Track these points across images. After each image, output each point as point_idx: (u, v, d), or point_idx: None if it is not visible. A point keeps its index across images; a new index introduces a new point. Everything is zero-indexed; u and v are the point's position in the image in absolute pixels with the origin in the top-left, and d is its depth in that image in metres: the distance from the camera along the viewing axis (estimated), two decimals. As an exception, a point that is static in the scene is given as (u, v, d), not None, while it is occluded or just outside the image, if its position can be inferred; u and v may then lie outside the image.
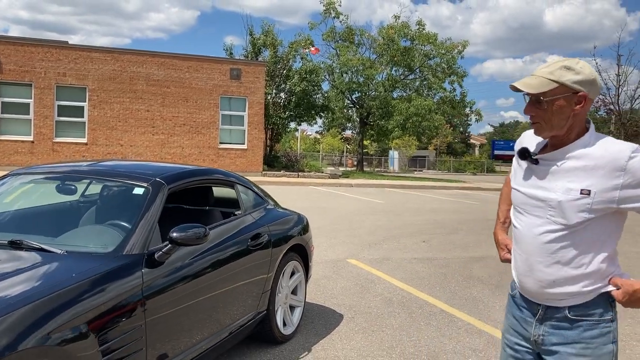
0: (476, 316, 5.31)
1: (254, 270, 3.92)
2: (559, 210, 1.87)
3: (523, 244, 2.01)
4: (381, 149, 56.29)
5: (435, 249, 8.74)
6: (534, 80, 1.89)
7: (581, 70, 1.86)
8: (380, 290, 6.14)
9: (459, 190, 23.52)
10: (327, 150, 56.72)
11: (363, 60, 28.93)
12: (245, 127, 24.09)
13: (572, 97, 1.86)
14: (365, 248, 8.54)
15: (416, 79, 31.22)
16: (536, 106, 1.90)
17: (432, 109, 28.37)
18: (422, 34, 29.26)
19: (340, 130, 43.64)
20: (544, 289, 1.96)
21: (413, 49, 29.40)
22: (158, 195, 3.28)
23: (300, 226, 4.79)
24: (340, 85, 29.65)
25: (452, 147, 69.67)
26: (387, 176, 30.94)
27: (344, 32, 30.59)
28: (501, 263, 7.94)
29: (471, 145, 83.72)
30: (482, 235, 10.34)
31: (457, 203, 17.34)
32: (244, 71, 23.90)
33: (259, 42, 27.19)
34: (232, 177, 4.28)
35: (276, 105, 27.27)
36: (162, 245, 3.05)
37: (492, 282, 6.73)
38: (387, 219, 12.24)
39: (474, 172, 50.94)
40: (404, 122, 28.79)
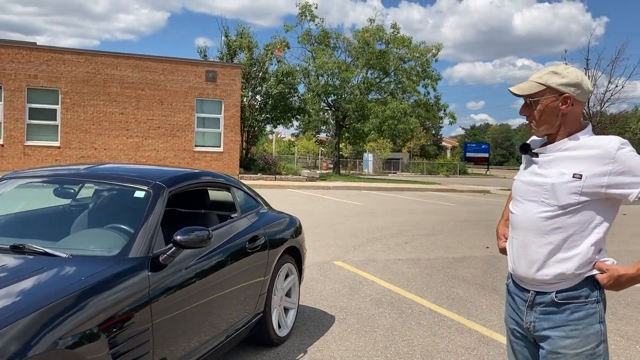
0: (465, 315, 5.40)
1: (252, 272, 3.93)
2: (552, 192, 2.06)
3: (519, 227, 2.19)
4: (356, 152, 56.55)
5: (418, 250, 8.84)
6: (526, 84, 2.15)
7: (567, 74, 2.09)
8: (368, 291, 6.20)
9: (435, 192, 23.77)
10: (302, 153, 56.75)
11: (339, 63, 29.05)
12: (222, 130, 23.97)
13: (558, 98, 2.09)
14: (350, 250, 8.59)
15: (391, 82, 31.46)
16: (528, 107, 2.16)
17: (407, 111, 28.63)
18: (396, 37, 29.51)
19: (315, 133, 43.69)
20: (535, 271, 2.11)
21: (388, 52, 29.63)
22: (159, 198, 3.27)
23: (294, 228, 4.81)
24: (316, 88, 29.72)
25: (425, 150, 70.39)
26: (363, 178, 31.09)
27: (319, 35, 30.69)
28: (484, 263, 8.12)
29: (443, 147, 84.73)
30: (462, 237, 10.50)
31: (434, 204, 17.54)
32: (220, 73, 23.78)
33: (234, 44, 27.08)
34: (228, 180, 4.29)
35: (252, 108, 27.20)
36: (166, 248, 3.05)
37: (477, 281, 6.84)
38: (368, 220, 12.32)
39: (446, 174, 51.49)
40: (380, 124, 28.98)
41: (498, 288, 6.51)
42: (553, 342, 2.10)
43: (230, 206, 4.29)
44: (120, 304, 2.61)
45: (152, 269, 2.89)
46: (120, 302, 2.61)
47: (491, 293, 6.30)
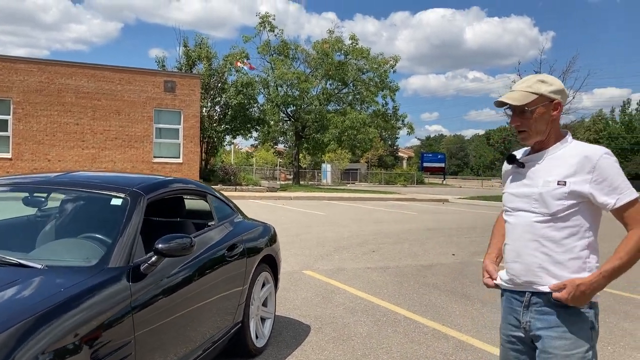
0: (439, 321, 5.41)
1: (232, 281, 3.84)
2: (541, 201, 2.13)
3: (513, 236, 2.24)
4: (314, 163, 56.63)
5: (386, 258, 8.85)
6: (517, 94, 2.17)
7: (553, 82, 2.19)
8: (341, 299, 6.15)
9: (396, 202, 23.98)
10: (260, 164, 56.46)
11: (298, 74, 29.09)
12: (181, 141, 23.62)
13: (549, 105, 2.16)
14: (318, 259, 8.54)
15: (350, 92, 31.69)
16: (521, 116, 2.18)
17: (366, 122, 28.88)
18: (355, 48, 29.80)
19: (273, 144, 43.60)
20: (530, 273, 2.16)
21: (347, 63, 29.87)
22: (138, 206, 3.15)
23: (270, 236, 4.74)
24: (275, 99, 29.66)
25: (382, 160, 71.09)
26: (323, 189, 31.12)
27: (278, 45, 30.69)
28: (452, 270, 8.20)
29: (399, 158, 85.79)
30: (428, 244, 10.59)
31: (396, 214, 17.68)
32: (179, 84, 23.47)
33: (193, 55, 26.79)
34: (203, 188, 4.18)
35: (211, 119, 26.91)
36: (147, 256, 2.94)
37: (447, 288, 6.88)
38: (333, 230, 12.30)
39: (404, 183, 52.11)
40: (339, 135, 29.12)
41: (469, 294, 6.57)
42: (545, 341, 2.15)
43: (206, 214, 4.19)
44: (103, 315, 2.48)
45: (133, 278, 2.77)
46: (102, 314, 2.49)
47: (462, 299, 6.34)
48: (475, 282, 7.27)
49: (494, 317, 5.61)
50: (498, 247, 2.47)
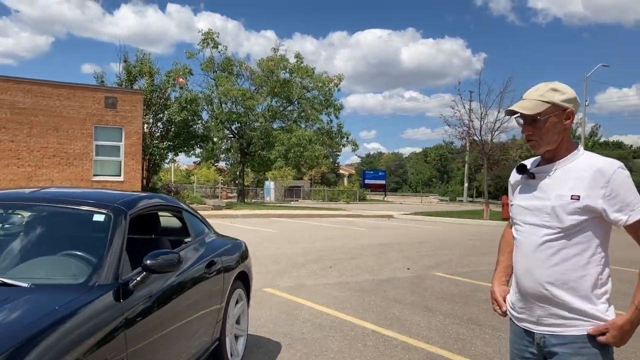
0: (407, 334, 5.49)
1: (211, 298, 3.78)
2: (554, 215, 2.06)
3: (523, 251, 2.16)
4: (257, 180, 56.28)
5: (344, 274, 8.90)
6: (528, 103, 2.11)
7: (565, 90, 2.12)
8: (307, 316, 6.14)
9: (343, 218, 24.17)
10: (202, 182, 55.62)
11: (243, 91, 29.00)
12: (122, 158, 22.97)
13: (562, 113, 2.10)
14: (277, 277, 8.48)
15: (294, 110, 31.87)
16: (532, 125, 2.11)
17: (312, 139, 29.07)
18: (300, 67, 30.06)
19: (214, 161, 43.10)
20: (542, 290, 2.08)
21: (292, 81, 30.05)
22: (122, 222, 3.07)
23: (243, 253, 4.69)
24: (220, 115, 29.40)
25: (325, 177, 71.55)
26: (269, 206, 30.98)
27: (223, 62, 30.53)
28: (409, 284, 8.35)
29: (340, 175, 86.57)
30: (382, 259, 10.73)
31: (346, 230, 17.82)
32: (120, 100, 22.88)
33: (134, 70, 26.24)
34: (180, 204, 4.11)
35: (153, 135, 26.36)
36: (134, 273, 2.87)
37: (408, 301, 6.99)
38: (287, 247, 12.27)
39: (347, 200, 52.54)
40: (286, 152, 29.16)
41: (430, 307, 6.70)
42: (560, 358, 2.08)
43: (181, 231, 4.11)
44: (99, 333, 2.40)
45: (123, 296, 2.70)
46: (98, 332, 2.40)
47: (425, 312, 6.46)
48: (435, 295, 7.43)
49: (457, 328, 5.75)
50: (506, 266, 2.41)
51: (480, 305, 6.88)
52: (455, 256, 11.59)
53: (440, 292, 7.66)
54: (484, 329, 5.77)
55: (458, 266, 10.16)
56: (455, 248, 13.21)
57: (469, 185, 69.73)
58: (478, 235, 17.44)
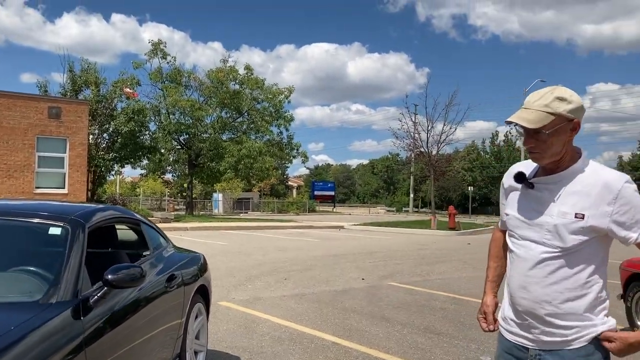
0: (367, 345, 5.48)
1: (172, 313, 3.66)
2: (555, 234, 1.92)
3: (520, 268, 2.02)
4: (205, 192, 55.46)
5: (299, 285, 8.84)
6: (531, 114, 1.92)
7: (573, 99, 1.92)
8: (265, 329, 6.05)
9: (294, 229, 24.10)
10: (148, 195, 54.36)
11: (192, 102, 28.61)
12: (66, 170, 22.22)
13: (568, 124, 1.92)
14: (231, 290, 8.34)
15: (244, 121, 31.65)
16: (535, 137, 1.93)
17: (262, 151, 28.93)
18: (250, 78, 29.94)
19: (161, 173, 42.23)
20: (538, 308, 1.96)
21: (242, 93, 29.87)
22: (80, 235, 2.93)
23: (202, 266, 4.59)
24: (168, 127, 28.88)
25: (274, 189, 71.30)
26: (218, 218, 30.53)
27: (171, 72, 30.05)
28: (365, 294, 8.34)
29: (290, 187, 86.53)
30: (337, 270, 10.73)
31: (298, 241, 17.76)
32: (65, 110, 22.17)
33: (79, 80, 25.47)
34: (138, 216, 3.98)
35: (99, 147, 25.61)
36: (94, 289, 2.75)
37: (365, 312, 7.00)
38: (239, 259, 12.11)
39: (296, 212, 52.54)
40: (235, 163, 28.89)
41: (387, 317, 6.72)
42: None
43: (139, 244, 3.98)
44: (60, 352, 2.28)
45: (84, 312, 2.57)
46: (56, 353, 2.28)
47: (383, 322, 6.47)
48: (391, 305, 7.47)
49: (416, 338, 5.79)
50: (497, 274, 2.30)
51: (436, 314, 6.96)
52: (407, 266, 11.73)
53: (396, 301, 7.71)
54: (442, 337, 5.83)
55: (411, 275, 10.27)
56: (406, 258, 13.37)
57: (414, 196, 70.97)
58: (427, 244, 17.73)
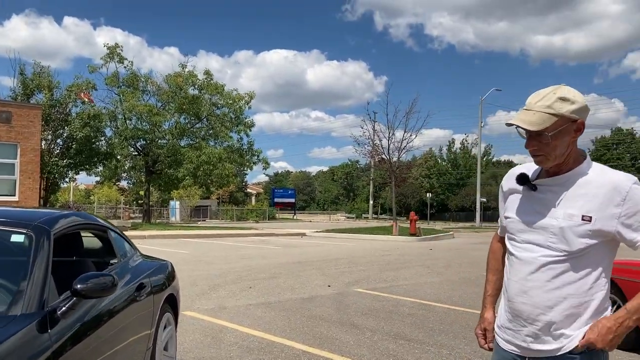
0: (338, 352, 5.39)
1: (142, 323, 3.49)
2: (561, 237, 1.84)
3: (522, 272, 1.93)
4: (161, 200, 54.43)
5: (265, 294, 8.69)
6: (534, 116, 1.85)
7: (575, 99, 1.86)
8: (233, 339, 5.88)
9: (256, 237, 23.84)
10: (103, 202, 53.02)
11: (150, 107, 28.02)
12: (17, 177, 21.39)
13: (571, 125, 1.85)
14: (196, 299, 8.12)
15: (203, 127, 31.19)
16: (538, 140, 1.86)
17: (222, 157, 28.56)
18: (210, 83, 29.56)
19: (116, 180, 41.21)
20: (540, 314, 1.89)
21: (201, 98, 29.45)
22: (45, 242, 2.75)
23: (170, 274, 4.42)
24: (124, 132, 28.19)
25: (233, 196, 70.58)
26: (176, 226, 29.96)
27: (128, 77, 29.38)
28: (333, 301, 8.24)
29: (248, 194, 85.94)
30: (302, 277, 10.61)
31: (261, 249, 17.55)
32: (16, 114, 21.37)
33: (31, 84, 24.61)
34: (104, 223, 3.79)
35: (52, 153, 24.78)
36: (61, 299, 2.58)
37: (334, 319, 6.91)
38: (202, 268, 11.84)
39: (256, 219, 52.15)
40: (194, 170, 28.42)
41: (357, 324, 6.65)
42: None
43: (105, 251, 3.78)
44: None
45: (51, 325, 2.40)
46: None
47: (352, 329, 6.39)
48: (359, 311, 7.41)
49: (387, 344, 5.73)
50: (497, 287, 2.19)
51: (404, 320, 6.93)
52: (372, 272, 11.71)
53: (363, 308, 7.65)
54: (412, 343, 5.79)
55: (377, 281, 10.25)
56: (371, 264, 13.36)
57: (374, 202, 71.55)
58: (390, 250, 17.81)
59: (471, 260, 15.02)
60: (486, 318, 2.19)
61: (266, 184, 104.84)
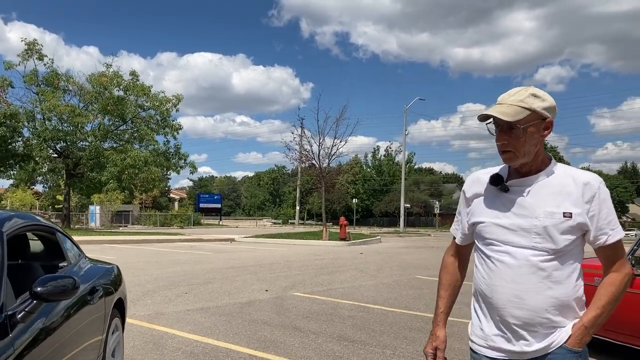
0: (285, 356, 5.39)
1: (95, 328, 3.37)
2: (546, 236, 1.85)
3: (509, 276, 1.89)
4: (80, 204, 52.09)
5: (202, 299, 8.54)
6: (508, 108, 1.88)
7: (546, 97, 1.91)
8: (175, 344, 5.75)
9: (184, 242, 23.33)
10: (17, 207, 50.04)
11: (72, 107, 26.78)
12: None
13: (541, 123, 1.90)
14: (131, 305, 7.83)
15: (127, 129, 30.14)
16: (508, 134, 1.88)
17: (148, 160, 27.72)
18: (136, 84, 28.65)
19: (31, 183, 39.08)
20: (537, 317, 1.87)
21: (126, 99, 28.47)
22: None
23: (118, 278, 4.27)
24: (43, 133, 26.77)
25: (157, 201, 68.62)
26: (98, 232, 28.78)
27: (48, 75, 27.94)
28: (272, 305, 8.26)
29: (172, 199, 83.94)
30: (238, 282, 10.50)
31: (191, 254, 17.19)
32: None
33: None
34: (52, 225, 3.62)
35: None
36: (18, 303, 2.46)
37: (276, 323, 6.89)
38: (132, 274, 11.46)
39: (180, 225, 50.96)
40: (119, 174, 27.43)
41: (299, 327, 6.67)
42: None
43: (53, 254, 3.61)
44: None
45: (10, 329, 2.28)
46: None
47: (295, 332, 6.41)
48: (300, 315, 7.43)
49: (331, 346, 5.79)
50: (449, 305, 2.15)
51: (345, 322, 7.02)
52: (307, 276, 11.76)
53: (303, 311, 7.68)
54: (357, 345, 5.87)
55: (313, 285, 10.31)
56: (305, 268, 13.41)
57: (300, 208, 71.80)
58: (322, 255, 17.95)
59: (401, 263, 15.41)
60: (438, 336, 2.10)
61: (190, 189, 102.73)
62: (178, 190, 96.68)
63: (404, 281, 11.34)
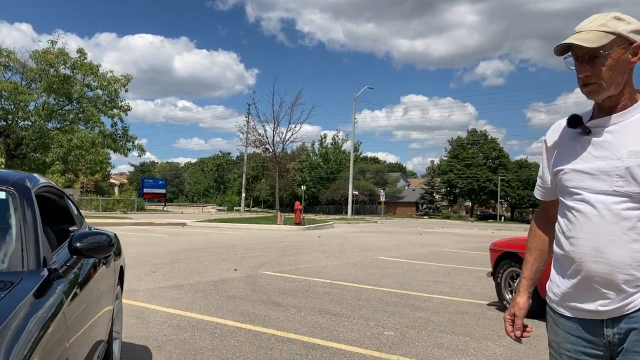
0: (272, 327, 5.44)
1: (109, 291, 3.34)
2: (629, 177, 1.65)
3: (588, 227, 1.71)
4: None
5: (173, 277, 8.45)
6: (589, 35, 1.68)
7: (630, 20, 1.72)
8: (159, 318, 5.71)
9: (135, 227, 22.81)
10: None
11: (15, 85, 25.53)
12: None
13: (628, 48, 1.69)
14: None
15: (73, 109, 29.03)
16: (591, 64, 1.69)
17: (96, 142, 26.83)
18: (83, 63, 27.57)
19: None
20: (619, 274, 1.66)
21: (73, 78, 27.37)
22: (30, 199, 2.56)
23: (118, 245, 4.20)
24: (-19, 111, 25.44)
25: (99, 186, 66.66)
26: (40, 215, 27.71)
27: (-13, 50, 26.49)
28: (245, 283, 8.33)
29: (112, 184, 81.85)
30: (204, 263, 10.44)
31: (147, 237, 16.88)
32: None
33: None
34: (61, 188, 3.53)
35: None
36: (61, 256, 2.45)
37: (255, 298, 6.93)
38: (92, 254, 11.19)
39: (124, 210, 49.77)
40: (65, 155, 26.44)
41: (278, 302, 6.73)
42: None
43: (63, 218, 3.53)
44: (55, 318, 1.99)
45: (56, 280, 2.27)
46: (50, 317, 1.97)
47: (277, 307, 6.46)
48: (276, 291, 7.49)
49: (316, 319, 5.89)
50: (535, 270, 1.99)
51: (322, 297, 7.13)
52: (272, 257, 11.81)
53: (278, 288, 7.74)
54: (340, 318, 5.99)
55: (281, 265, 10.37)
56: (267, 249, 13.45)
57: (246, 195, 71.43)
58: (281, 238, 18.01)
59: (360, 246, 15.68)
60: (517, 302, 1.98)
61: (131, 175, 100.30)
62: (118, 176, 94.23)
63: (368, 262, 11.57)
